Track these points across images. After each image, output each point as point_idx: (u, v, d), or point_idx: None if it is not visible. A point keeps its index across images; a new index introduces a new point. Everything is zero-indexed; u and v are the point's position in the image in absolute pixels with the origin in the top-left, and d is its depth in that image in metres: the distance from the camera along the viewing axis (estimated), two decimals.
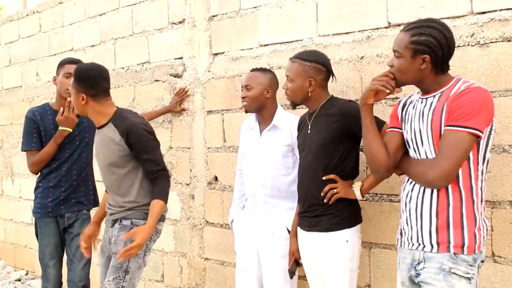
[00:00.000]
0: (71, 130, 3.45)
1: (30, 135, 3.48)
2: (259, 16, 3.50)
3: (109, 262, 2.94)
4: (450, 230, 2.03)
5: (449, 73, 2.14)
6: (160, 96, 4.21)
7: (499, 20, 2.49)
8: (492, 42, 2.51)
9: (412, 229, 2.14)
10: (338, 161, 2.61)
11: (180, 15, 4.04)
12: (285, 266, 2.90)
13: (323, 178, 2.60)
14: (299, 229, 2.77)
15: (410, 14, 2.72)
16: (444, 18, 2.57)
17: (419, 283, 2.10)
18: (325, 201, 2.59)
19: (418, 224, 2.11)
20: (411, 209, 2.14)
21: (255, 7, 3.52)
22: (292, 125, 2.97)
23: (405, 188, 2.19)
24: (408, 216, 2.16)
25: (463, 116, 1.97)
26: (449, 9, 2.62)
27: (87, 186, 3.63)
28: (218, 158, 3.82)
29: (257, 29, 3.51)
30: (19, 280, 5.58)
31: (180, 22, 4.04)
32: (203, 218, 3.94)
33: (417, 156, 2.15)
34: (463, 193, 2.03)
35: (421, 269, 2.08)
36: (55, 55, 5.22)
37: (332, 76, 2.75)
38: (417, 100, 2.19)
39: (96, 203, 3.67)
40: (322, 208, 2.62)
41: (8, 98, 6.02)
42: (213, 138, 3.84)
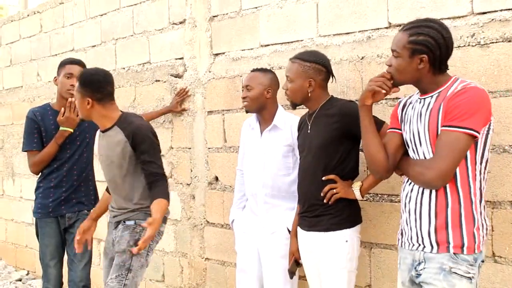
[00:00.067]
0: (72, 131, 3.45)
1: (31, 136, 3.48)
2: (260, 17, 3.50)
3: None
4: (449, 231, 2.03)
5: (448, 73, 2.13)
6: (161, 96, 4.21)
7: (500, 21, 2.49)
8: (493, 43, 2.51)
9: (412, 230, 2.14)
10: (338, 162, 2.62)
11: (181, 16, 4.04)
12: (286, 266, 2.90)
13: (323, 179, 2.61)
14: (299, 229, 2.77)
15: (411, 15, 2.71)
16: (445, 19, 2.57)
17: (420, 284, 2.10)
18: (325, 202, 2.60)
19: (418, 225, 2.11)
20: (411, 210, 2.14)
21: (256, 8, 3.52)
22: (293, 125, 2.97)
23: (405, 189, 2.19)
24: (408, 217, 2.16)
25: (459, 116, 1.97)
26: (450, 10, 2.62)
27: (88, 186, 3.64)
28: (219, 158, 3.82)
29: (258, 30, 3.52)
30: (20, 280, 5.58)
31: (181, 23, 4.05)
32: (204, 218, 3.94)
33: (416, 157, 2.15)
34: (461, 193, 2.03)
35: (422, 270, 2.08)
36: (56, 56, 5.22)
37: (332, 77, 2.75)
38: (416, 101, 2.19)
39: (97, 203, 3.67)
40: (322, 208, 2.62)
41: (9, 98, 6.02)
42: (214, 138, 3.84)
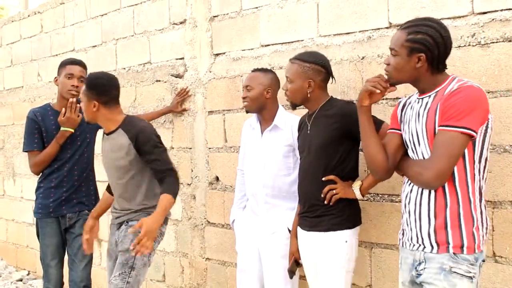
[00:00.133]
0: (73, 131, 3.46)
1: (32, 136, 3.49)
2: (260, 17, 3.50)
3: None
4: (448, 231, 2.03)
5: (446, 73, 2.13)
6: (161, 97, 4.21)
7: (500, 20, 2.49)
8: (493, 42, 2.51)
9: (412, 230, 2.14)
10: (338, 162, 2.62)
11: (181, 16, 4.04)
12: (286, 266, 2.90)
13: (323, 179, 2.61)
14: (299, 229, 2.77)
15: (411, 14, 2.70)
16: (445, 18, 2.57)
17: (421, 284, 2.10)
18: (325, 202, 2.60)
19: (417, 225, 2.11)
20: (410, 211, 2.15)
21: (256, 8, 3.52)
22: (293, 125, 2.97)
23: (405, 190, 2.20)
24: (408, 218, 2.16)
25: (456, 116, 1.97)
26: (450, 9, 2.62)
27: (89, 186, 3.64)
28: (219, 158, 3.82)
29: (258, 30, 3.52)
30: (21, 280, 5.58)
31: (181, 23, 4.05)
32: (204, 218, 3.94)
33: (415, 157, 2.15)
34: (460, 193, 2.03)
35: (422, 270, 2.08)
36: (57, 56, 5.23)
37: (332, 78, 2.75)
38: (415, 101, 2.19)
39: (97, 203, 3.67)
40: (323, 209, 2.62)
41: (10, 99, 6.02)
42: (214, 138, 3.84)
